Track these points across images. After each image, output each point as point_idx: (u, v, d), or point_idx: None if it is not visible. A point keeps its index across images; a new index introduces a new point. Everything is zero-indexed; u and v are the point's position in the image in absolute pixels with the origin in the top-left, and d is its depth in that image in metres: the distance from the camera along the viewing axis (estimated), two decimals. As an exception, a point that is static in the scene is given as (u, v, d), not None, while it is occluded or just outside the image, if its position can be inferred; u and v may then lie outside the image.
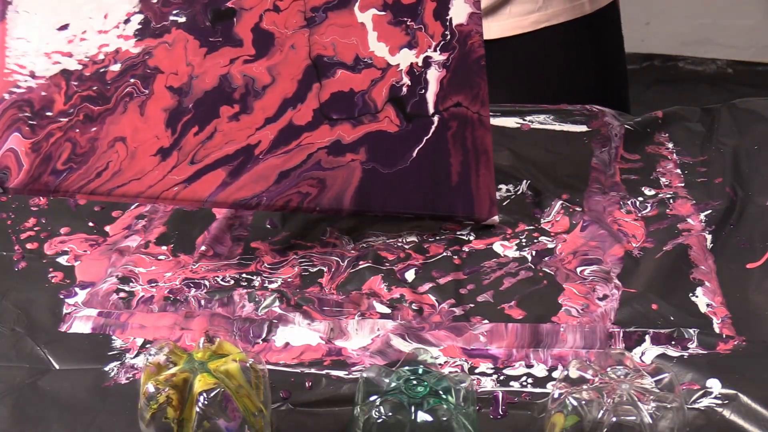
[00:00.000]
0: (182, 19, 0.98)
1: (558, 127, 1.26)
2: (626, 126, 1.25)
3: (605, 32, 1.44)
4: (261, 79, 1.00)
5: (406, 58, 1.03)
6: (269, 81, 1.00)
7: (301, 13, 1.00)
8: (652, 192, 1.14)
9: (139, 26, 0.98)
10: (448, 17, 1.03)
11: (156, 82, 0.98)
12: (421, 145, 1.03)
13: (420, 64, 1.03)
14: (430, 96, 1.03)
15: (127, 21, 0.98)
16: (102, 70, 0.98)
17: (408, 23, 1.02)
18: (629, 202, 1.12)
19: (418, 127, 1.03)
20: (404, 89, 1.03)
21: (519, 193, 1.14)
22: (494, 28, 1.36)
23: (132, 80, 0.98)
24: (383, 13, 1.02)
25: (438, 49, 1.03)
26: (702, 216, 1.10)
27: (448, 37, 1.03)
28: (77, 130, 0.97)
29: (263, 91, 1.00)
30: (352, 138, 1.02)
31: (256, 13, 1.00)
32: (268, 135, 1.00)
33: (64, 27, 0.98)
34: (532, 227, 1.09)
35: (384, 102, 1.02)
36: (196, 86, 0.99)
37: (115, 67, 0.98)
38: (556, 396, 0.80)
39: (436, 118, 1.03)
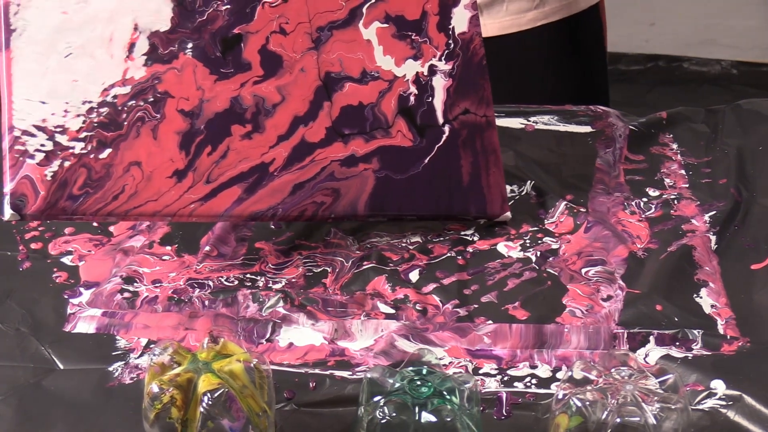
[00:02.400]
0: (190, 49, 0.99)
1: (562, 127, 1.26)
2: (630, 127, 1.25)
3: (593, 29, 1.45)
4: (271, 98, 1.01)
5: (411, 68, 1.04)
6: (279, 100, 1.01)
7: (307, 35, 1.00)
8: (657, 193, 1.14)
9: (147, 51, 0.99)
10: (450, 27, 1.04)
11: (167, 106, 0.99)
12: (432, 153, 1.04)
13: (425, 73, 1.04)
14: (438, 104, 1.04)
15: (132, 45, 0.99)
16: (112, 96, 0.98)
17: (413, 37, 1.03)
18: (633, 203, 1.12)
19: (430, 139, 1.04)
20: (412, 98, 1.03)
21: (523, 193, 1.14)
22: (491, 26, 1.37)
23: (142, 105, 0.98)
24: (386, 25, 1.03)
25: (442, 58, 1.04)
26: (706, 217, 1.10)
27: (452, 46, 1.04)
28: (91, 156, 0.98)
29: (274, 110, 1.01)
30: (365, 151, 1.03)
31: (262, 36, 1.01)
32: (282, 153, 1.01)
33: (69, 55, 0.98)
34: (536, 228, 1.09)
35: (394, 114, 1.03)
36: (207, 109, 1.00)
37: (125, 92, 0.98)
38: (560, 397, 0.80)
39: (446, 128, 1.04)
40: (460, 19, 1.05)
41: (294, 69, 1.01)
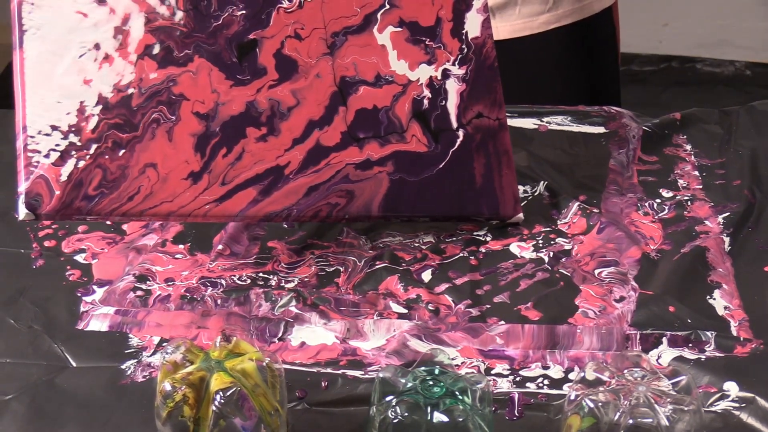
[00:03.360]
0: (206, 53, 0.99)
1: (576, 128, 1.26)
2: (644, 128, 1.25)
3: (606, 32, 1.45)
4: (285, 101, 1.01)
5: (425, 72, 1.04)
6: (294, 103, 1.01)
7: (322, 41, 1.01)
8: (670, 194, 1.14)
9: (161, 53, 0.99)
10: (463, 31, 1.05)
11: (182, 108, 0.99)
12: (447, 159, 1.04)
13: (439, 77, 1.04)
14: (451, 107, 1.04)
15: (147, 47, 0.98)
16: (126, 96, 0.98)
17: (427, 42, 1.04)
18: (647, 204, 1.12)
19: (445, 144, 1.04)
20: (425, 102, 1.04)
21: (536, 194, 1.14)
22: (502, 29, 1.37)
23: (157, 106, 0.98)
24: (400, 29, 1.03)
25: (456, 63, 1.04)
26: (720, 218, 1.09)
27: (465, 50, 1.05)
28: (107, 157, 0.97)
29: (288, 113, 1.01)
30: (380, 155, 1.03)
31: (277, 40, 1.01)
32: (297, 156, 1.01)
33: (83, 55, 0.98)
34: (548, 228, 1.09)
35: (408, 118, 1.03)
36: (223, 111, 1.00)
37: (140, 94, 0.98)
38: (572, 398, 0.80)
39: (460, 132, 1.05)
40: (472, 24, 1.06)
41: (309, 74, 1.01)
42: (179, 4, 0.99)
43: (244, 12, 1.00)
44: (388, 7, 1.04)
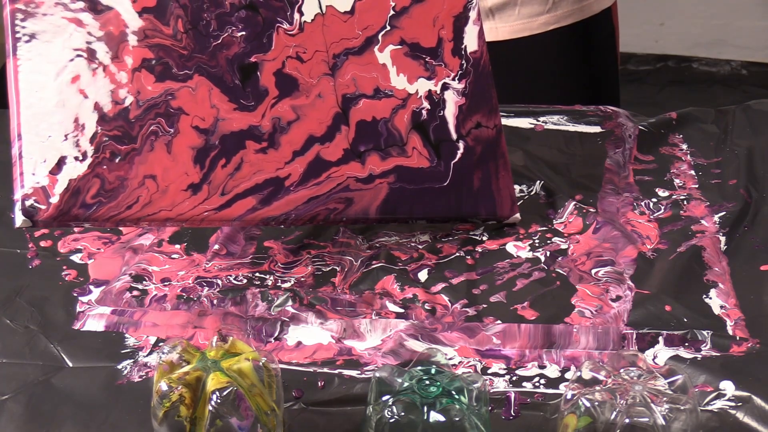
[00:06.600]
0: (206, 73, 0.98)
1: (572, 127, 1.26)
2: (640, 127, 1.25)
3: (606, 33, 1.45)
4: (286, 116, 1.01)
5: (424, 86, 1.04)
6: (294, 117, 1.01)
7: (324, 63, 1.00)
8: (666, 193, 1.14)
9: (160, 68, 0.98)
10: (463, 47, 1.05)
11: (181, 122, 0.98)
12: (450, 175, 1.05)
13: (438, 90, 1.04)
14: (450, 117, 1.04)
15: (143, 61, 0.98)
16: (123, 109, 0.97)
17: (427, 60, 1.04)
18: (643, 204, 1.12)
19: (446, 157, 1.05)
20: (424, 113, 1.04)
21: (532, 193, 1.14)
22: (502, 30, 1.36)
23: (155, 119, 0.97)
24: (400, 46, 1.03)
25: (455, 78, 1.04)
26: (716, 218, 1.10)
27: (464, 65, 1.05)
28: (104, 167, 0.96)
29: (289, 126, 1.00)
30: (382, 170, 1.03)
31: (279, 61, 1.00)
32: (297, 168, 1.01)
33: (78, 64, 0.97)
34: (545, 228, 1.09)
35: (407, 130, 1.03)
36: (222, 126, 0.99)
37: (137, 106, 0.97)
38: (568, 397, 0.80)
39: (461, 144, 1.04)
40: (470, 38, 1.06)
41: (311, 93, 1.01)
42: (179, 25, 0.99)
43: (244, 33, 1.00)
44: (389, 28, 1.04)
